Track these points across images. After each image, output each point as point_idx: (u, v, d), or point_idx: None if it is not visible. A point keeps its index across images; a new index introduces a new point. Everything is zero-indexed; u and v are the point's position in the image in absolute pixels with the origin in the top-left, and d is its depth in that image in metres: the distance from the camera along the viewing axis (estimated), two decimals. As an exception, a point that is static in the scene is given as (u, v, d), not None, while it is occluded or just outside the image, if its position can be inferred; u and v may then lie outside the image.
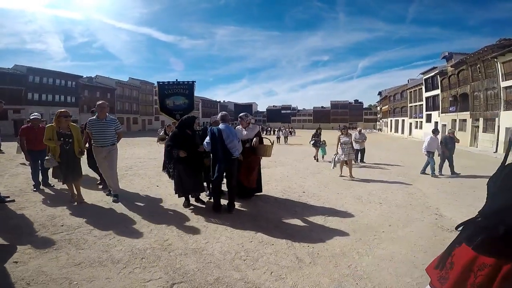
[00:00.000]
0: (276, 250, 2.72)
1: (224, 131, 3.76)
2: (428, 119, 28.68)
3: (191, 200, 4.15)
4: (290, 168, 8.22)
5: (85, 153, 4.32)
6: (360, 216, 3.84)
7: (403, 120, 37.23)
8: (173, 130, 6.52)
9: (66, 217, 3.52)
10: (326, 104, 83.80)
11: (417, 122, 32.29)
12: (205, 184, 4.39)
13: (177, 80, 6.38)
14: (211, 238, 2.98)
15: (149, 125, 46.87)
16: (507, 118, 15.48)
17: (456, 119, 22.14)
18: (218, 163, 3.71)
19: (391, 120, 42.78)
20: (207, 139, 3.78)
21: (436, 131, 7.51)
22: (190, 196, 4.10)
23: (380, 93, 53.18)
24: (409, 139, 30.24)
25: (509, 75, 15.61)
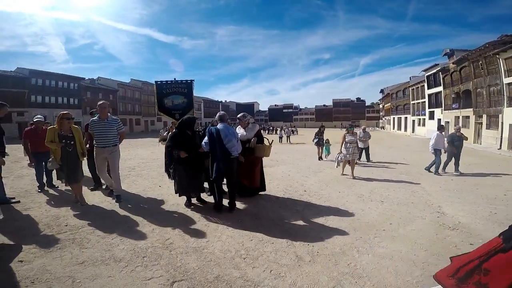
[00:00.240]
0: (276, 249, 2.74)
1: (222, 131, 3.77)
2: (431, 116, 28.48)
3: (193, 200, 4.18)
4: (292, 167, 8.22)
5: (86, 154, 4.29)
6: (361, 214, 3.84)
7: (406, 118, 37.01)
8: (172, 129, 6.50)
9: (70, 217, 3.58)
10: (328, 102, 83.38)
11: (420, 119, 32.07)
12: (206, 185, 4.39)
13: (175, 79, 6.29)
14: (211, 237, 3.00)
15: (151, 125, 47.05)
16: (510, 114, 15.33)
17: (459, 116, 21.97)
18: (216, 163, 3.72)
19: (394, 117, 42.54)
20: (205, 139, 3.80)
21: (441, 128, 7.41)
22: (191, 195, 4.13)
23: (382, 90, 52.91)
24: (412, 136, 30.04)
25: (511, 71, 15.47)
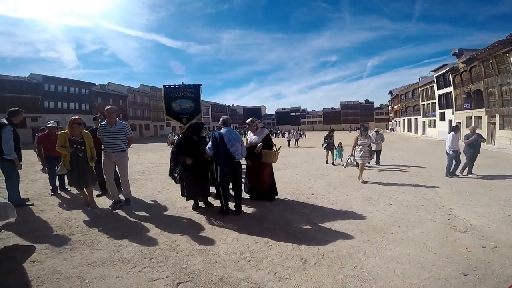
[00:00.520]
0: (281, 251, 2.73)
1: (226, 135, 3.78)
2: (442, 117, 27.82)
3: (200, 203, 4.22)
4: (299, 170, 8.17)
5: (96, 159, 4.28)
6: (368, 217, 3.79)
7: (416, 119, 36.26)
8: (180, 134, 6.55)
9: (81, 219, 3.68)
10: (336, 105, 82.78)
11: (430, 120, 31.37)
12: (212, 189, 4.38)
13: (183, 83, 6.32)
14: (217, 239, 3.03)
15: (160, 130, 47.76)
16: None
17: (471, 116, 21.39)
18: (220, 167, 3.73)
19: (404, 119, 41.74)
20: (209, 143, 3.82)
21: (456, 129, 7.20)
22: (198, 199, 4.16)
23: (391, 92, 52.07)
24: (422, 138, 29.38)
25: (524, 70, 15.03)
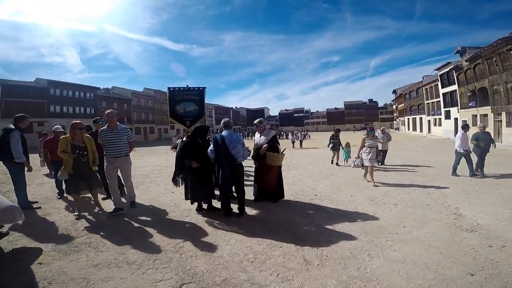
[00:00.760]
0: (284, 252, 2.73)
1: (227, 137, 3.79)
2: (447, 115, 27.51)
3: (204, 205, 4.23)
4: (303, 171, 8.15)
5: (98, 163, 4.21)
6: (373, 218, 3.76)
7: (421, 118, 35.91)
8: (184, 137, 6.56)
9: (87, 222, 3.73)
10: (339, 105, 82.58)
11: (435, 119, 31.04)
12: (217, 192, 4.38)
13: (187, 86, 6.26)
14: (221, 241, 3.04)
15: (165, 133, 48.09)
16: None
17: (476, 115, 21.10)
18: (222, 169, 3.74)
19: (408, 118, 41.38)
20: (211, 146, 3.82)
21: (466, 127, 7.05)
22: (202, 202, 4.16)
23: (394, 91, 51.70)
24: (428, 137, 29.03)
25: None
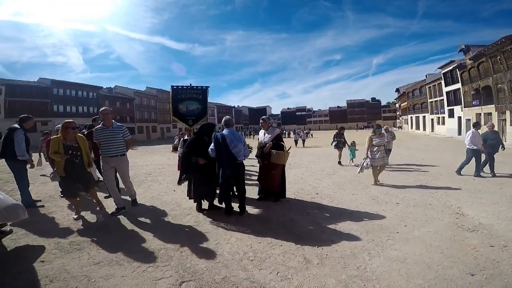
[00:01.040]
0: (284, 251, 2.73)
1: (228, 136, 3.77)
2: (451, 114, 27.29)
3: (205, 205, 4.23)
4: (304, 170, 8.13)
5: (93, 164, 4.08)
6: (374, 217, 3.74)
7: (424, 117, 35.64)
8: (184, 135, 6.56)
9: (89, 220, 3.76)
10: (342, 103, 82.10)
11: (439, 117, 30.78)
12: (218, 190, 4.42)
13: (191, 84, 6.20)
14: (221, 240, 3.05)
15: (167, 132, 48.25)
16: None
17: (480, 113, 20.91)
18: (223, 168, 3.73)
19: (411, 117, 41.07)
20: (212, 145, 3.79)
21: (477, 125, 6.87)
22: (203, 200, 4.17)
23: (397, 89, 51.30)
24: (431, 135, 28.80)
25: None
